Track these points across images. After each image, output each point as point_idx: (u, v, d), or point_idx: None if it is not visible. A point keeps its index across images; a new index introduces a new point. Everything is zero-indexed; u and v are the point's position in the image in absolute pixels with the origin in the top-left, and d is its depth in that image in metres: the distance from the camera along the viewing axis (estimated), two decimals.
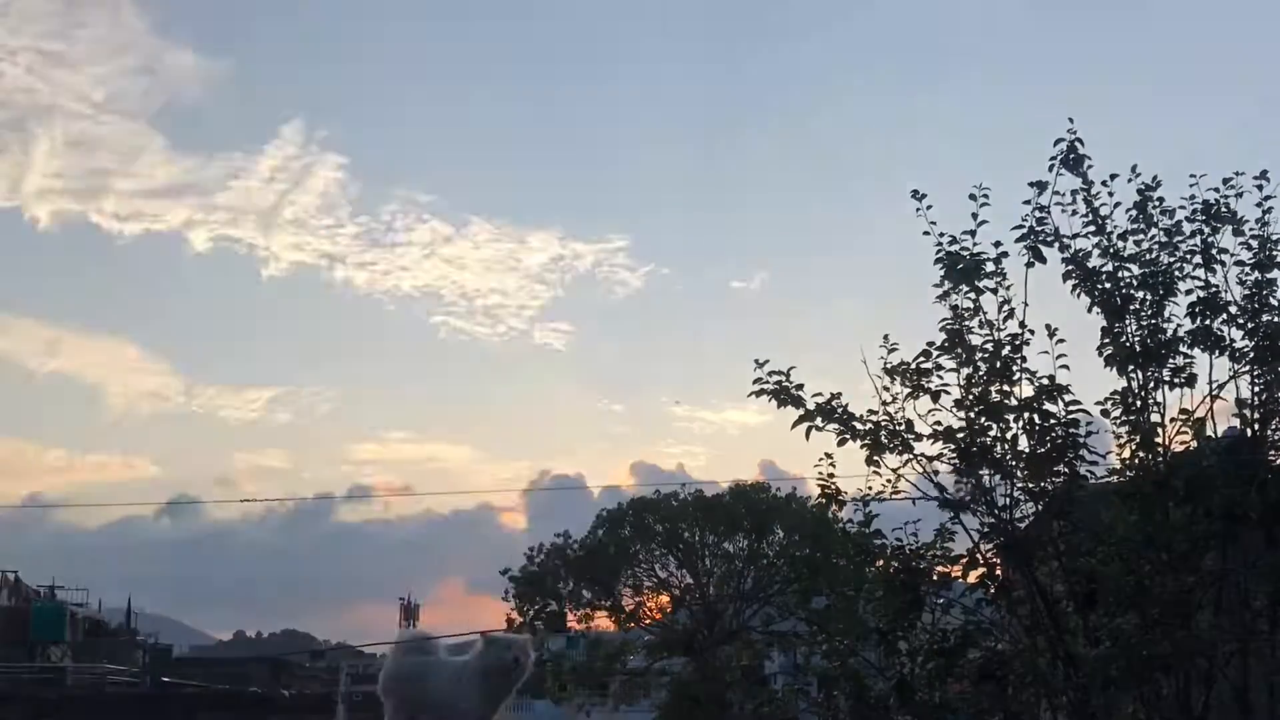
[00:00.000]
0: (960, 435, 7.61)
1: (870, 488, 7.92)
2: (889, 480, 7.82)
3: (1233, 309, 7.74)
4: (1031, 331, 7.59)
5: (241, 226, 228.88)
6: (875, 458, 7.75)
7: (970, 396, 7.63)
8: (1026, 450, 7.55)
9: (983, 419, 7.58)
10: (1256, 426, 7.69)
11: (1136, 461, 7.66)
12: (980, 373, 7.62)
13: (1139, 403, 7.70)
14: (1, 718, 34.56)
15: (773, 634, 32.74)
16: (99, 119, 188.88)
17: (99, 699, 40.26)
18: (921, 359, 7.75)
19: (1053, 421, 7.45)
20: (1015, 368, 7.58)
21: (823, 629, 9.08)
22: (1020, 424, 7.54)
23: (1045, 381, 7.49)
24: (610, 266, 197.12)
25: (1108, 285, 7.79)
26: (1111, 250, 7.81)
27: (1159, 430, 7.69)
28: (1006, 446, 7.58)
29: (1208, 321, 7.72)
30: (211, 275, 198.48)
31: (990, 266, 7.69)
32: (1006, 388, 7.57)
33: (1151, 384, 7.73)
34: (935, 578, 7.87)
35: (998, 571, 7.79)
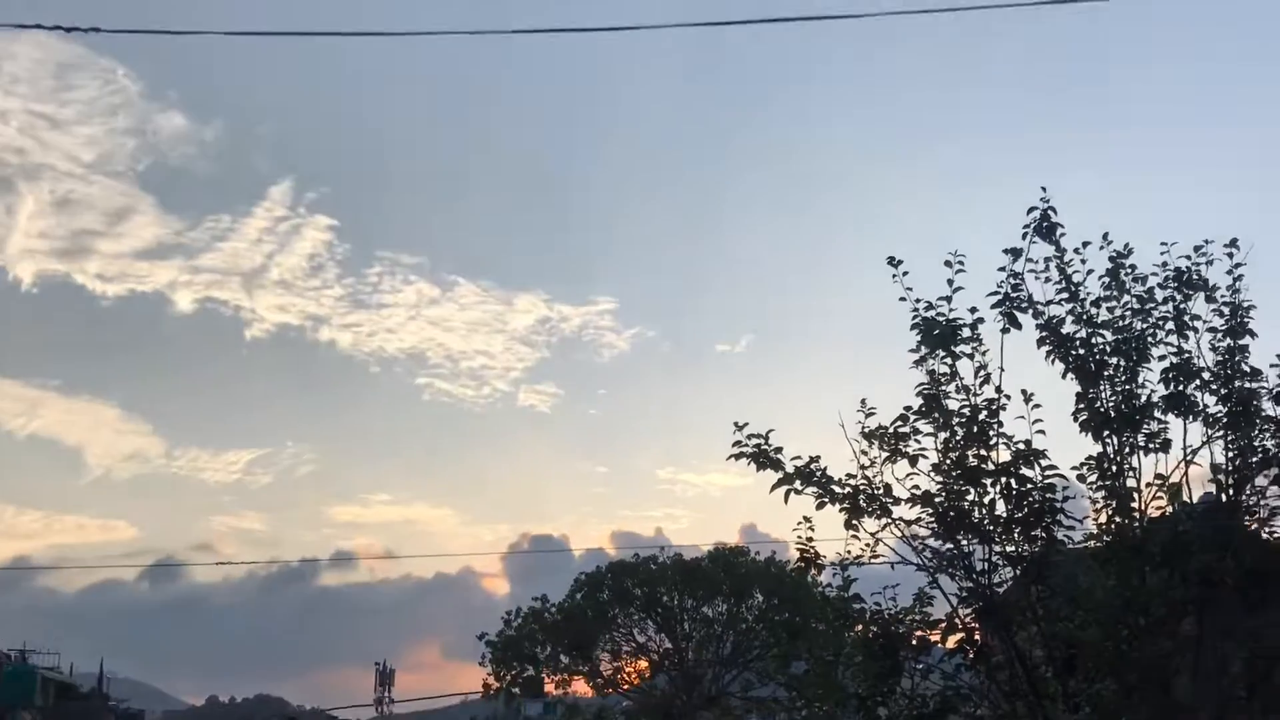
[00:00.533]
0: (938, 500, 7.64)
1: (849, 551, 7.94)
2: (867, 544, 7.84)
3: (1205, 375, 7.83)
4: (1008, 397, 7.67)
5: (227, 288, 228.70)
6: (854, 521, 7.77)
7: (948, 461, 7.67)
8: (1004, 515, 7.58)
9: (960, 483, 7.61)
10: (1231, 491, 7.75)
11: (1113, 526, 7.70)
12: (957, 437, 7.67)
13: (1114, 468, 7.76)
14: None
15: (752, 699, 32.49)
16: (89, 179, 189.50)
17: None
18: (899, 423, 7.79)
19: (1029, 486, 7.50)
20: (992, 432, 7.63)
21: (802, 694, 9.06)
22: (997, 489, 7.58)
23: (1021, 446, 7.54)
24: (597, 329, 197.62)
25: (1082, 351, 7.87)
26: (1085, 317, 7.91)
27: (1135, 495, 7.75)
28: (984, 511, 7.61)
29: (1181, 387, 7.80)
30: (195, 336, 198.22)
31: (966, 332, 7.76)
32: (983, 452, 7.62)
33: (1126, 449, 7.80)
34: (914, 642, 7.86)
35: (976, 636, 7.79)
